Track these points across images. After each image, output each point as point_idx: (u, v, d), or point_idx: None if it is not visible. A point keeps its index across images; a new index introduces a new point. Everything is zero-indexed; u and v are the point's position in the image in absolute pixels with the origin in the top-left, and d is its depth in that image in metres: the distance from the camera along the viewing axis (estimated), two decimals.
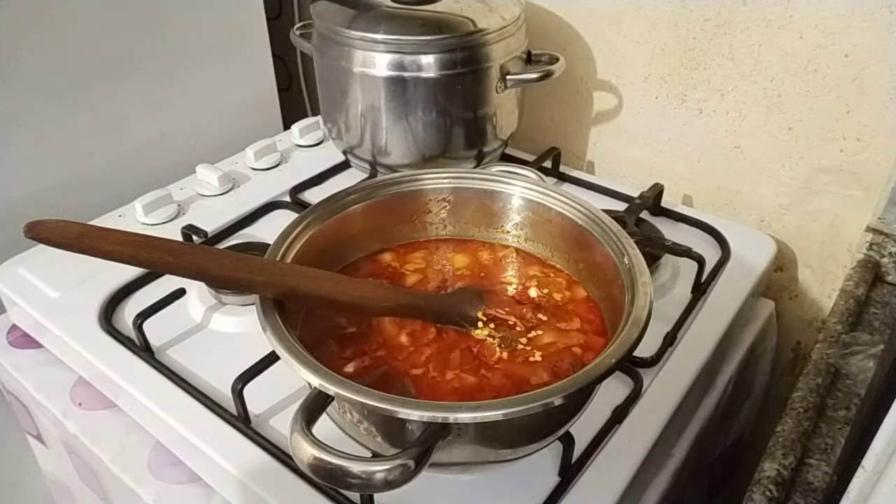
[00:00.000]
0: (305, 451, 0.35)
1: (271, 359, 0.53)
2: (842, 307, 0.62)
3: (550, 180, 0.82)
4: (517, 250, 0.58)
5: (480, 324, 0.50)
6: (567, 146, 0.89)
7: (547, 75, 0.73)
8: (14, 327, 0.68)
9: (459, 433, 0.39)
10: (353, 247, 0.56)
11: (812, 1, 0.65)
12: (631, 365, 0.57)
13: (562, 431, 0.46)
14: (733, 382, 0.67)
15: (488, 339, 0.49)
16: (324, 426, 0.38)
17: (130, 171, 0.83)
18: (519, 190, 0.56)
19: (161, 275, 0.65)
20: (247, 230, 0.75)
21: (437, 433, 0.37)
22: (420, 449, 0.36)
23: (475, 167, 0.75)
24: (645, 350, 0.58)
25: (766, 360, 0.76)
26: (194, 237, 0.69)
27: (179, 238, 0.69)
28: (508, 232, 0.58)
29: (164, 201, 0.75)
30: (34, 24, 0.71)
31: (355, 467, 0.35)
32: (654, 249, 0.66)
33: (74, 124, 0.77)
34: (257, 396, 0.53)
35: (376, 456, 0.38)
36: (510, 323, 0.50)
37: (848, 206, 0.72)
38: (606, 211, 0.52)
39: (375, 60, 0.70)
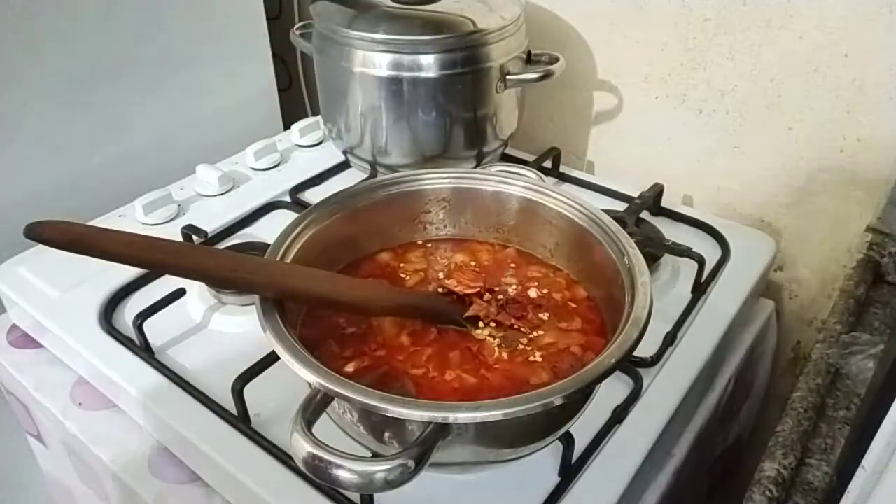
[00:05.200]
0: (305, 451, 0.35)
1: (271, 359, 0.53)
2: (842, 307, 0.62)
3: (550, 180, 0.82)
4: (517, 250, 0.58)
5: (481, 324, 0.50)
6: (567, 146, 0.89)
7: (547, 75, 0.73)
8: (14, 327, 0.68)
9: (459, 433, 0.39)
10: (353, 247, 0.56)
11: (812, 1, 0.65)
12: (631, 365, 0.57)
13: (562, 431, 0.46)
14: (733, 382, 0.67)
15: (489, 339, 0.49)
16: (324, 426, 0.38)
17: (130, 171, 0.83)
18: (519, 190, 0.56)
19: (161, 275, 0.65)
20: (247, 230, 0.75)
21: (437, 433, 0.37)
22: (420, 449, 0.36)
23: (475, 167, 0.75)
24: (645, 350, 0.58)
25: (766, 360, 0.76)
26: (194, 237, 0.69)
27: (179, 238, 0.69)
28: (508, 232, 0.58)
29: (164, 201, 0.75)
30: (34, 24, 0.71)
31: (355, 467, 0.35)
32: (654, 249, 0.66)
33: (74, 124, 0.78)
34: (257, 396, 0.53)
35: (376, 456, 0.38)
36: (510, 323, 0.50)
37: (848, 206, 0.72)
38: (606, 211, 0.52)
39: (375, 60, 0.70)
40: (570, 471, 0.49)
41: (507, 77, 0.74)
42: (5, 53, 0.69)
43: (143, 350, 0.59)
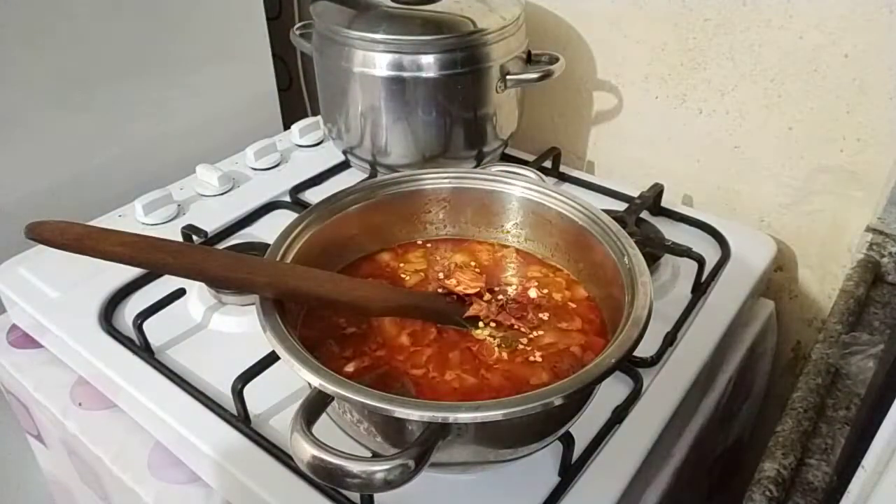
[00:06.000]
0: (305, 451, 0.35)
1: (271, 359, 0.53)
2: (842, 307, 0.62)
3: (550, 180, 0.82)
4: (517, 250, 0.58)
5: (481, 324, 0.50)
6: (567, 146, 0.89)
7: (547, 75, 0.73)
8: (14, 327, 0.68)
9: (459, 433, 0.39)
10: (353, 247, 0.56)
11: (812, 1, 0.65)
12: (631, 365, 0.57)
13: (562, 431, 0.46)
14: (733, 382, 0.67)
15: (489, 339, 0.49)
16: (324, 426, 0.38)
17: (130, 171, 0.83)
18: (519, 190, 0.56)
19: (161, 275, 0.65)
20: (247, 230, 0.75)
21: (437, 433, 0.37)
22: (420, 449, 0.36)
23: (475, 167, 0.75)
24: (645, 350, 0.58)
25: (766, 360, 0.76)
26: (194, 237, 0.69)
27: (179, 238, 0.69)
28: (508, 232, 0.58)
29: (164, 201, 0.75)
30: (34, 24, 0.71)
31: (355, 467, 0.35)
32: (654, 249, 0.66)
33: (74, 124, 0.78)
34: (257, 396, 0.53)
35: (376, 456, 0.38)
36: (510, 323, 0.50)
37: (848, 206, 0.72)
38: (606, 211, 0.52)
39: (375, 60, 0.70)
40: (570, 471, 0.49)
41: (507, 77, 0.74)
42: (5, 53, 0.69)
43: (143, 350, 0.59)
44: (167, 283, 0.64)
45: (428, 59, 0.70)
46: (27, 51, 0.71)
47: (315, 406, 0.38)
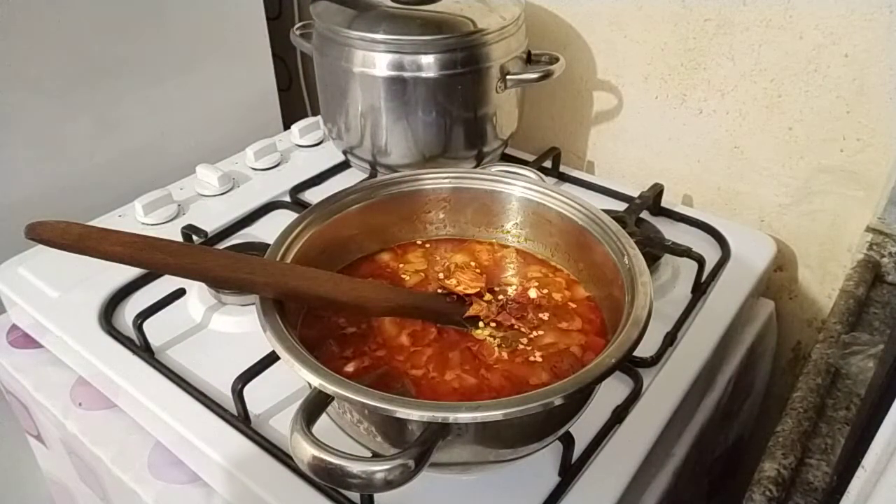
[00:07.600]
0: (305, 451, 0.35)
1: (271, 359, 0.53)
2: (842, 307, 0.62)
3: (550, 180, 0.82)
4: (517, 250, 0.58)
5: (481, 324, 0.50)
6: (567, 146, 0.89)
7: (547, 75, 0.73)
8: (14, 327, 0.68)
9: (459, 433, 0.39)
10: (352, 247, 0.56)
11: (812, 1, 0.65)
12: (631, 365, 0.57)
13: (562, 431, 0.46)
14: (733, 382, 0.67)
15: (489, 339, 0.49)
16: (324, 426, 0.38)
17: (130, 171, 0.83)
18: (519, 190, 0.56)
19: (161, 275, 0.65)
20: (247, 230, 0.75)
21: (437, 433, 0.37)
22: (420, 449, 0.36)
23: (475, 167, 0.75)
24: (645, 350, 0.58)
25: (766, 360, 0.76)
26: (194, 237, 0.69)
27: (179, 238, 0.69)
28: (508, 232, 0.58)
29: (164, 201, 0.75)
30: (33, 23, 0.71)
31: (355, 467, 0.35)
32: (654, 249, 0.66)
33: (74, 124, 0.78)
34: (257, 396, 0.53)
35: (376, 456, 0.39)
36: (510, 323, 0.50)
37: (848, 206, 0.72)
38: (606, 211, 0.52)
39: (375, 60, 0.71)
40: (570, 471, 0.49)
41: (507, 77, 0.74)
42: (5, 52, 0.69)
43: (143, 350, 0.59)
44: (167, 283, 0.64)
45: (428, 59, 0.70)
46: (27, 50, 0.71)
47: (315, 406, 0.38)
